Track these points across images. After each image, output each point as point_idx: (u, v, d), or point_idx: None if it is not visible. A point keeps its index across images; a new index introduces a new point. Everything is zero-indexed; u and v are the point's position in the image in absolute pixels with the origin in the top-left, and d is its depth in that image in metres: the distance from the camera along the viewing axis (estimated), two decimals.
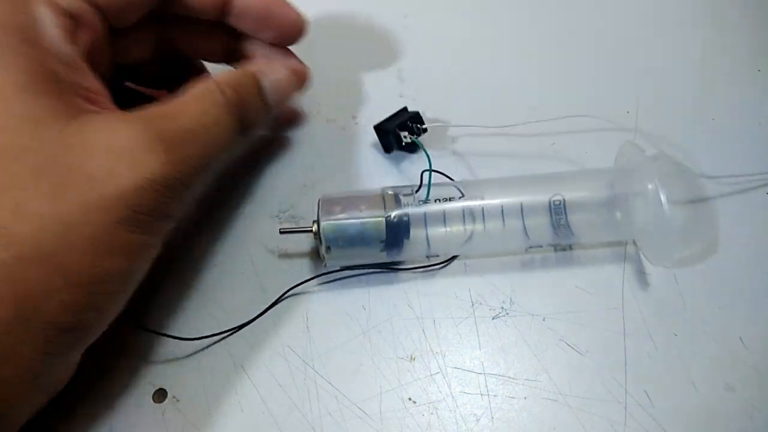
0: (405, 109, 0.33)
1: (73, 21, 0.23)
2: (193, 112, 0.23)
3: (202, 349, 0.27)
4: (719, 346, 0.27)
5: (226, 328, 0.27)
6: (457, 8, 0.39)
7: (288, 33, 0.29)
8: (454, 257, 0.30)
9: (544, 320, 0.28)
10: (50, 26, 0.22)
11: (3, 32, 0.21)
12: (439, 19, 0.39)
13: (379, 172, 0.33)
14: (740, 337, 0.27)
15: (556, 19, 0.39)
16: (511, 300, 0.29)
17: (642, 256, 0.29)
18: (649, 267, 0.29)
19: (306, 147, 0.33)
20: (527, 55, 0.38)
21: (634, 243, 0.30)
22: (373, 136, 0.33)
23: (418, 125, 0.32)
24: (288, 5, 0.29)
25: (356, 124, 0.35)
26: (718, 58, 0.37)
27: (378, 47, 0.38)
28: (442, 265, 0.30)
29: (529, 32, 0.39)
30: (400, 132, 0.32)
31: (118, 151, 0.20)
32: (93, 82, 0.23)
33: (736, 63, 0.37)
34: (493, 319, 0.28)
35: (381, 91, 0.36)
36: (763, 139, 0.33)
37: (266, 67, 0.28)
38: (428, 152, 0.29)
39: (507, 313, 0.28)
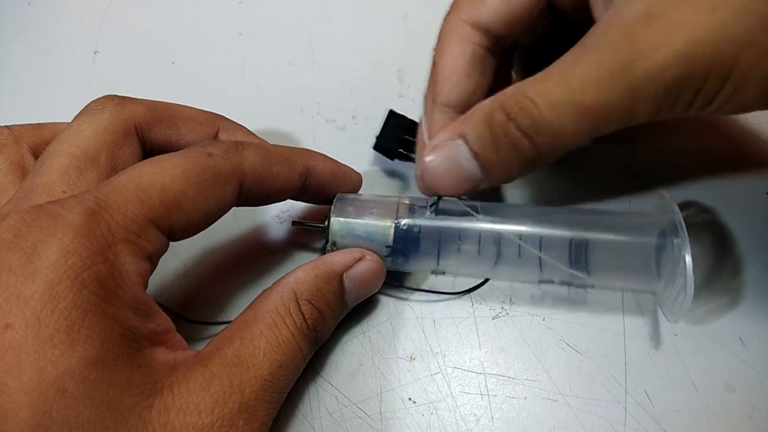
0: (392, 113, 0.32)
1: (149, 263, 0.22)
2: (269, 352, 0.22)
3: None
4: (719, 346, 0.27)
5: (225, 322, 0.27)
6: None
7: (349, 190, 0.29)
8: (482, 283, 0.29)
9: (544, 320, 0.28)
10: (131, 274, 0.20)
11: (80, 290, 0.19)
12: (439, 19, 0.39)
13: (379, 172, 0.33)
14: (740, 337, 0.27)
15: None
16: (511, 300, 0.29)
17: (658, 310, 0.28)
18: None
19: (306, 147, 0.33)
20: None
21: (653, 294, 0.29)
22: (374, 137, 0.32)
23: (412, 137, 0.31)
24: (349, 171, 0.29)
25: (356, 124, 0.35)
26: None
27: (378, 47, 0.38)
28: (461, 294, 0.29)
29: None
30: (404, 151, 0.31)
31: (202, 431, 0.20)
32: (163, 321, 0.22)
33: None
34: (493, 319, 0.28)
35: (381, 91, 0.36)
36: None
37: (350, 256, 0.26)
38: None
39: (507, 313, 0.28)
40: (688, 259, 0.24)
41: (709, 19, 0.21)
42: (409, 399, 0.26)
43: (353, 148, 0.33)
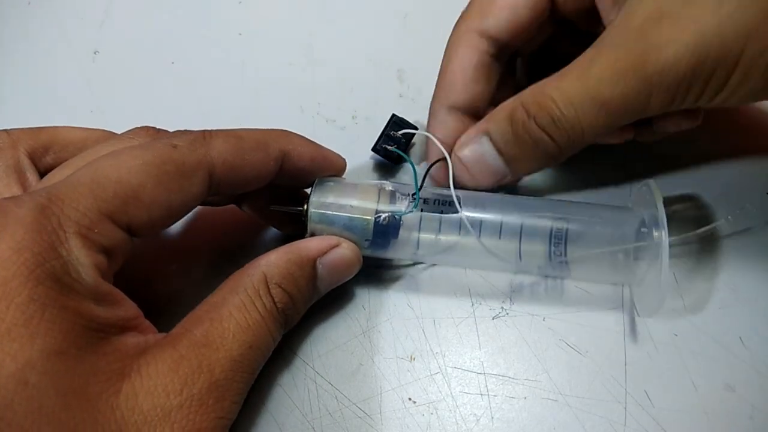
0: (392, 117, 0.32)
1: (106, 256, 0.21)
2: (239, 333, 0.22)
3: None
4: (719, 346, 0.27)
5: None
6: (457, 8, 0.39)
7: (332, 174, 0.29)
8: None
9: (544, 320, 0.28)
10: (86, 267, 0.20)
11: (35, 286, 0.19)
12: (439, 19, 0.39)
13: (378, 172, 0.33)
14: (740, 337, 0.27)
15: None
16: (511, 300, 0.29)
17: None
18: None
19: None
20: None
21: (629, 288, 0.29)
22: (374, 137, 0.32)
23: (406, 132, 0.31)
24: (331, 155, 0.28)
25: (356, 124, 0.35)
26: None
27: (378, 47, 0.38)
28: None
29: None
30: (388, 145, 0.31)
31: (171, 412, 0.20)
32: (129, 307, 0.22)
33: None
34: (493, 319, 0.28)
35: (381, 91, 0.36)
36: None
37: (325, 242, 0.26)
38: (413, 163, 0.29)
39: (507, 313, 0.28)
40: (665, 255, 0.24)
41: (716, 13, 0.22)
42: (409, 399, 0.26)
43: (353, 148, 0.33)
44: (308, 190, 0.28)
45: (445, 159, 0.28)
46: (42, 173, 0.26)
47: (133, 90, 0.37)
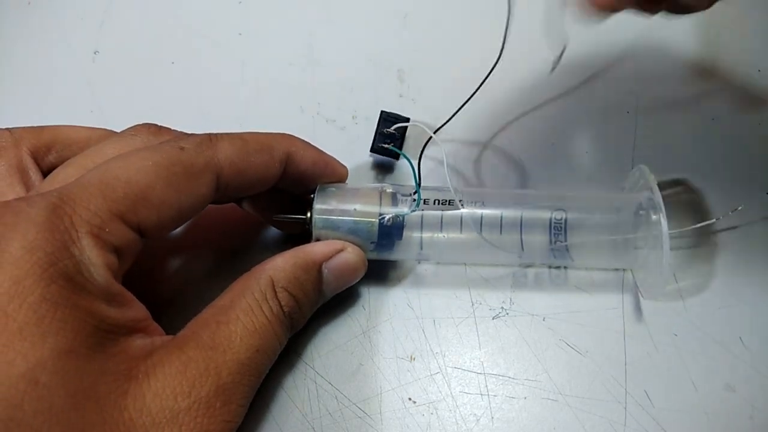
0: (382, 114, 0.32)
1: (117, 256, 0.21)
2: (246, 337, 0.22)
3: None
4: (719, 346, 0.27)
5: None
6: (457, 8, 0.39)
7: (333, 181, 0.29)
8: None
9: (544, 320, 0.28)
10: (98, 267, 0.20)
11: (48, 285, 0.19)
12: (439, 19, 0.39)
13: (379, 171, 0.33)
14: (740, 337, 0.27)
15: None
16: (511, 300, 0.29)
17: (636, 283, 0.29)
18: None
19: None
20: (528, 53, 0.38)
21: (632, 272, 0.29)
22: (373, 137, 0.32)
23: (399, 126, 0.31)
24: (333, 161, 0.29)
25: (356, 124, 0.35)
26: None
27: (378, 47, 0.38)
28: None
29: (528, 31, 0.39)
30: (384, 143, 0.31)
31: (179, 414, 0.20)
32: (139, 309, 0.22)
33: (736, 63, 0.37)
34: (493, 319, 0.28)
35: (381, 91, 0.36)
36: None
37: (330, 247, 0.26)
38: (410, 159, 0.29)
39: (507, 313, 0.28)
40: (665, 236, 0.25)
41: None
42: (409, 399, 0.26)
43: (353, 148, 0.33)
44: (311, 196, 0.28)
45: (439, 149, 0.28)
46: (45, 172, 0.26)
47: (133, 90, 0.37)
